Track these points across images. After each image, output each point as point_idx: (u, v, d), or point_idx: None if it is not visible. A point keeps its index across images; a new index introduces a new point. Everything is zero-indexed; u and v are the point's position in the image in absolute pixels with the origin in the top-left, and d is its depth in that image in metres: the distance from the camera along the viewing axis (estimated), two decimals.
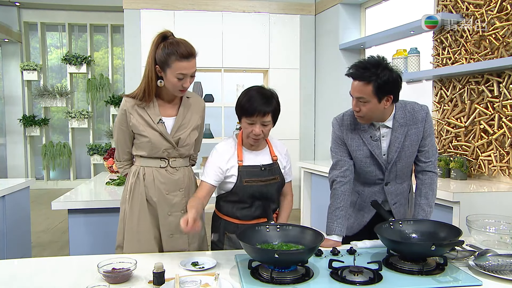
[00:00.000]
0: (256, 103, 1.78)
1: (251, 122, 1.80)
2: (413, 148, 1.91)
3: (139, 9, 5.35)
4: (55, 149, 7.85)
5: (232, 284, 1.39)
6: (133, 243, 1.91)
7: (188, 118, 1.96)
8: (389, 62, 1.79)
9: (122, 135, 1.95)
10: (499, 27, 2.95)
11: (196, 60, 1.83)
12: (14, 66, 7.74)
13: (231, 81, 5.72)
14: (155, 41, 1.82)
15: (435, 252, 1.50)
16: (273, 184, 1.90)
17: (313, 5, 5.74)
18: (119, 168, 2.06)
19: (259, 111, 1.77)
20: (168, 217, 1.93)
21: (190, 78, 1.83)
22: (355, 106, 1.81)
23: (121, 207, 2.00)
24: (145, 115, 1.88)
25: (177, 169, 1.96)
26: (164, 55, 1.78)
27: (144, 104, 1.88)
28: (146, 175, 1.92)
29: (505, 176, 2.97)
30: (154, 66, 1.82)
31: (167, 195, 1.92)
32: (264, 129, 1.81)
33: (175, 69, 1.77)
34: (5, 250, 3.02)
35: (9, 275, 1.52)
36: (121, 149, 2.00)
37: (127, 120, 1.90)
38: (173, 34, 1.85)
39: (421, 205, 1.91)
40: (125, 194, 1.97)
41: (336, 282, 1.42)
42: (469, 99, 3.23)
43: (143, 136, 1.89)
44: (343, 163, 1.96)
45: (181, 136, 1.92)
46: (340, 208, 1.92)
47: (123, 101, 1.92)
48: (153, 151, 1.90)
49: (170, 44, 1.78)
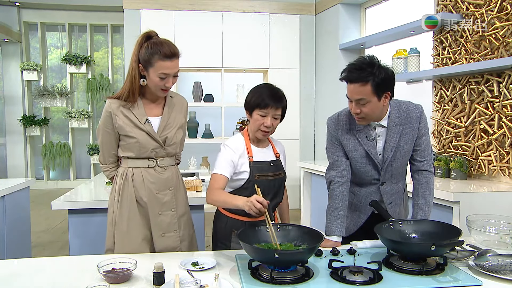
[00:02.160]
0: (271, 96, 1.88)
1: (264, 114, 1.87)
2: (408, 148, 1.91)
3: (139, 9, 5.35)
4: (55, 149, 7.85)
5: (232, 284, 1.39)
6: (124, 245, 1.90)
7: (173, 117, 1.97)
8: (380, 60, 1.79)
9: (108, 138, 1.95)
10: (499, 27, 2.95)
11: (179, 60, 1.84)
12: (14, 66, 7.74)
13: (231, 81, 5.72)
14: (139, 40, 1.84)
15: (435, 252, 1.50)
16: (279, 179, 1.98)
17: (313, 5, 5.74)
18: (104, 172, 2.05)
19: (273, 104, 1.86)
20: (159, 216, 1.94)
21: (173, 78, 1.85)
22: (355, 108, 1.80)
23: (109, 210, 1.98)
24: (131, 116, 1.89)
25: (165, 168, 1.96)
26: (148, 54, 1.80)
27: (129, 104, 1.89)
28: (135, 176, 1.92)
29: (505, 176, 2.97)
30: (137, 65, 1.84)
31: (157, 195, 1.93)
32: (274, 123, 1.90)
33: (158, 68, 1.79)
34: (5, 250, 3.02)
35: (9, 275, 1.52)
36: (106, 152, 1.99)
37: (112, 122, 1.90)
38: (157, 34, 1.87)
39: (420, 205, 1.91)
40: (113, 197, 1.96)
41: (336, 282, 1.42)
42: (469, 99, 3.23)
43: (130, 137, 1.89)
44: (339, 163, 1.96)
45: (168, 135, 1.93)
46: (339, 208, 1.92)
47: (107, 103, 1.92)
48: (141, 151, 1.90)
49: (154, 43, 1.80)
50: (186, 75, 5.97)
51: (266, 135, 1.93)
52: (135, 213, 1.92)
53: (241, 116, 5.28)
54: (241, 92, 5.40)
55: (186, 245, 2.01)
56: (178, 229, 1.97)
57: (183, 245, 2.00)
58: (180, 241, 1.98)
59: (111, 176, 2.04)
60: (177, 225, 1.97)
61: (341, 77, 1.81)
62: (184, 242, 2.00)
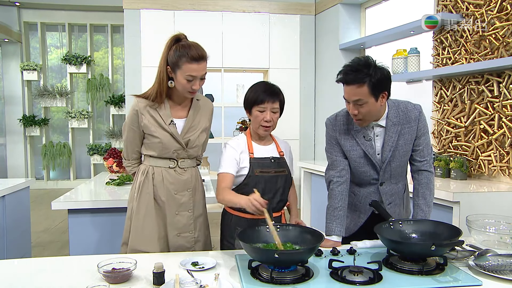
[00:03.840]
0: (267, 91, 1.93)
1: (262, 109, 1.91)
2: (407, 147, 1.91)
3: (139, 9, 5.35)
4: (55, 149, 7.85)
5: (232, 284, 1.39)
6: (138, 241, 1.93)
7: (197, 120, 2.00)
8: (375, 60, 1.79)
9: (133, 135, 1.99)
10: (499, 27, 2.95)
11: (207, 63, 1.88)
12: (14, 66, 7.74)
13: (231, 81, 5.72)
14: (168, 43, 1.87)
15: (435, 252, 1.50)
16: (282, 176, 1.98)
17: (313, 5, 5.74)
18: (127, 167, 2.09)
19: (269, 98, 1.91)
20: (175, 216, 1.96)
21: (200, 81, 1.88)
22: (353, 110, 1.80)
23: (128, 205, 2.03)
24: (157, 116, 1.92)
25: (185, 169, 1.99)
26: (176, 56, 1.83)
27: (156, 105, 1.92)
28: (155, 175, 1.95)
29: (505, 176, 2.97)
30: (165, 67, 1.87)
31: (175, 195, 1.96)
32: (273, 117, 1.93)
33: (185, 70, 1.82)
34: (5, 250, 3.02)
35: (9, 275, 1.52)
36: (130, 148, 2.03)
37: (138, 120, 1.94)
38: (187, 37, 1.90)
39: (420, 205, 1.91)
40: (133, 193, 2.00)
41: (336, 282, 1.42)
42: (469, 99, 3.23)
43: (154, 136, 1.93)
44: (338, 163, 1.97)
45: (191, 137, 1.96)
46: (339, 208, 1.92)
47: (134, 101, 1.96)
48: (163, 151, 1.94)
49: (182, 46, 1.83)
50: None
51: (268, 130, 1.95)
52: (152, 211, 1.95)
53: (241, 116, 5.27)
54: (241, 92, 5.40)
55: (201, 246, 2.03)
56: (193, 230, 2.00)
57: (197, 246, 2.02)
58: (195, 241, 2.01)
59: (132, 172, 2.08)
60: (193, 226, 2.00)
61: (337, 79, 1.81)
62: (198, 243, 2.03)
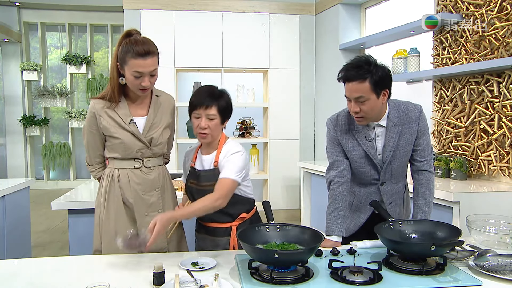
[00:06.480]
0: (201, 96, 1.84)
1: (197, 115, 1.83)
2: (408, 147, 1.92)
3: (139, 9, 5.34)
4: (55, 149, 7.85)
5: (232, 284, 1.39)
6: (112, 246, 1.86)
7: (159, 117, 1.96)
8: (376, 59, 1.81)
9: (93, 138, 1.95)
10: (499, 27, 2.95)
11: (156, 59, 1.82)
12: (14, 66, 7.74)
13: (231, 81, 5.71)
14: (120, 39, 1.82)
15: (435, 252, 1.50)
16: (208, 190, 1.80)
17: (313, 5, 5.74)
18: (91, 172, 2.05)
19: (202, 103, 1.81)
20: (145, 217, 1.92)
21: (150, 77, 1.82)
22: (354, 107, 1.81)
23: (95, 210, 1.98)
24: (116, 116, 1.88)
25: (151, 168, 1.95)
26: (122, 52, 1.79)
27: (114, 105, 1.88)
28: (121, 177, 1.91)
29: (505, 176, 2.97)
30: (116, 63, 1.83)
31: (143, 196, 1.92)
32: (210, 124, 1.82)
33: (131, 66, 1.77)
34: (5, 250, 3.02)
35: (9, 275, 1.52)
36: (92, 152, 1.99)
37: (97, 123, 1.90)
38: (139, 33, 1.84)
39: (420, 206, 1.91)
40: (99, 198, 1.96)
41: (336, 282, 1.42)
42: (469, 99, 3.23)
43: (115, 138, 1.88)
44: (339, 163, 1.97)
45: (154, 135, 1.92)
46: (339, 208, 1.92)
47: (91, 103, 1.92)
48: (127, 152, 1.90)
49: (129, 41, 1.78)
50: (186, 75, 5.96)
51: (205, 137, 1.84)
52: (122, 214, 1.91)
53: (241, 116, 5.27)
54: (241, 92, 5.39)
55: (174, 246, 2.00)
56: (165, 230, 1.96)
57: (171, 246, 1.98)
58: (168, 242, 1.97)
59: (97, 177, 2.04)
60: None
61: (339, 77, 1.81)
62: (172, 243, 1.99)
